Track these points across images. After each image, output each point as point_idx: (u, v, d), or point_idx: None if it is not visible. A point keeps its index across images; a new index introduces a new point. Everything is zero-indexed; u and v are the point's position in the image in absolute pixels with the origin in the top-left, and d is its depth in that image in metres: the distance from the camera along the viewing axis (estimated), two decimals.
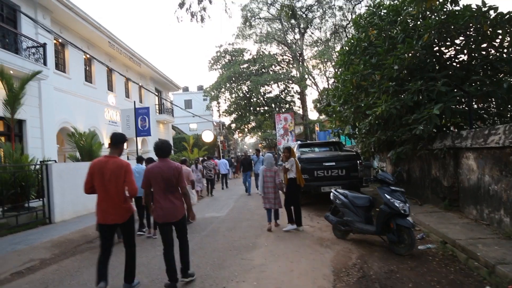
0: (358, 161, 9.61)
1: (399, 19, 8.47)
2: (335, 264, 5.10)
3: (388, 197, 5.46)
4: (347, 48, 10.60)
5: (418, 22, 8.23)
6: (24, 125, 12.76)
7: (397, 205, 5.30)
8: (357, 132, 10.95)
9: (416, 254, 5.25)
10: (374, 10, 9.60)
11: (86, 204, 10.72)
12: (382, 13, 9.35)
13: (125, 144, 5.00)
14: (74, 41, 15.91)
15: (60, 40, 15.80)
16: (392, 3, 9.14)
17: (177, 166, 4.60)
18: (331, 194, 6.84)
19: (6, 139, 11.98)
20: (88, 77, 18.50)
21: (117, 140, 4.47)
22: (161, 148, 4.65)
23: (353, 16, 24.75)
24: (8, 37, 11.86)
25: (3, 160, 10.57)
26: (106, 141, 18.80)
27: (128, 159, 20.65)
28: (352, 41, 10.05)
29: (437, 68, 8.05)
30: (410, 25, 8.42)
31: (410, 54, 7.45)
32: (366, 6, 21.91)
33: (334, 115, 11.42)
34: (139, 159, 8.69)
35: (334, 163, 9.60)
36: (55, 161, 11.99)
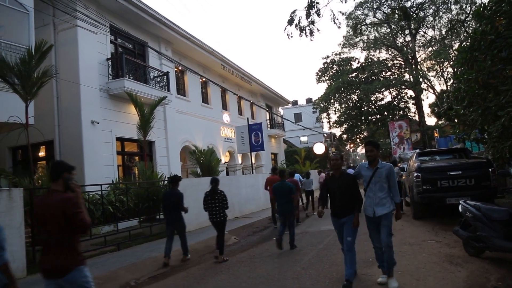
0: (489, 169, 8.52)
1: None
2: (469, 285, 4.54)
3: None
4: (468, 44, 9.58)
5: None
6: (153, 145, 14.36)
7: None
8: (486, 137, 9.75)
9: None
10: None
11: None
12: None
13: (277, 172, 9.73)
14: (191, 67, 17.45)
15: (180, 68, 17.48)
16: None
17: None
18: (460, 206, 6.16)
19: (139, 158, 13.59)
20: (205, 99, 20.04)
21: (273, 170, 10.24)
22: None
23: (474, 8, 22.41)
24: (139, 70, 13.57)
25: (138, 177, 12.00)
26: (223, 157, 20.03)
27: (243, 173, 21.67)
28: (475, 35, 9.04)
29: None
30: None
31: None
32: None
33: (457, 119, 10.36)
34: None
35: (460, 172, 8.67)
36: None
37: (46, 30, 11.61)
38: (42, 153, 12.55)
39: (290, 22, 8.84)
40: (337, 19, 9.15)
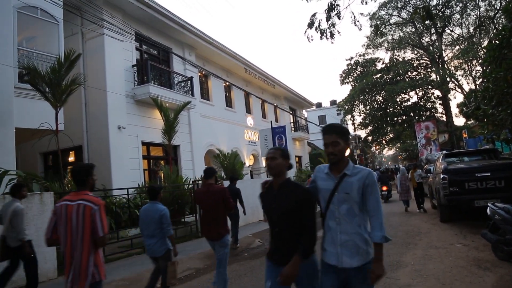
0: None
1: None
2: None
3: None
4: (497, 41, 9.29)
5: None
6: (178, 149, 14.61)
7: None
8: None
9: None
10: None
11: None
12: None
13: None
14: (215, 71, 17.66)
15: (203, 72, 17.71)
16: None
17: None
18: (488, 208, 5.98)
19: (165, 162, 13.85)
20: (228, 102, 20.21)
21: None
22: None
23: (503, 4, 21.68)
24: (163, 76, 13.85)
25: (163, 181, 12.22)
26: (247, 161, 20.13)
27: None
28: (504, 32, 8.77)
29: None
30: None
31: None
32: None
33: (485, 119, 10.07)
34: None
35: (489, 174, 8.41)
36: None
37: (74, 39, 12.03)
38: (71, 158, 12.97)
39: (310, 25, 8.81)
40: (358, 21, 9.02)
